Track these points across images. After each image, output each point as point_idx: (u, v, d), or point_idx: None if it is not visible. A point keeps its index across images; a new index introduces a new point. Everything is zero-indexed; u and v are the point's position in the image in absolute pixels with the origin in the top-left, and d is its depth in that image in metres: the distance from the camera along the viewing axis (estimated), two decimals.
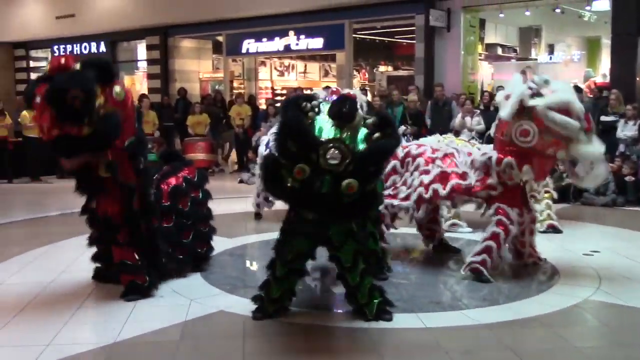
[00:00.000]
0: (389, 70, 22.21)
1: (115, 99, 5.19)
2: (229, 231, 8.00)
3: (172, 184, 5.97)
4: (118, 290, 5.53)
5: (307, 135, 4.41)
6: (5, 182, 13.95)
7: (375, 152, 4.52)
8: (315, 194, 4.39)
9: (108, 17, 19.97)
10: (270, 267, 5.04)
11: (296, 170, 4.34)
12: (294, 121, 4.42)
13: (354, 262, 4.89)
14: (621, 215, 9.64)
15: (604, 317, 5.26)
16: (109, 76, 5.21)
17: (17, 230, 8.85)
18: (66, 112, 4.93)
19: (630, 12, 12.31)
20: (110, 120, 5.10)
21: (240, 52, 18.64)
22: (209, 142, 15.20)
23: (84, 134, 5.00)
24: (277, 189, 4.70)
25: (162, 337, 4.68)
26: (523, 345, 4.54)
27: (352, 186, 4.33)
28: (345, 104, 4.54)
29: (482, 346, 4.54)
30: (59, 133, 4.98)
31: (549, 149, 5.84)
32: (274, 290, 4.98)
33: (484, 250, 5.99)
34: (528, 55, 18.67)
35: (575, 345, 4.55)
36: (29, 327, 4.90)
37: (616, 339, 4.77)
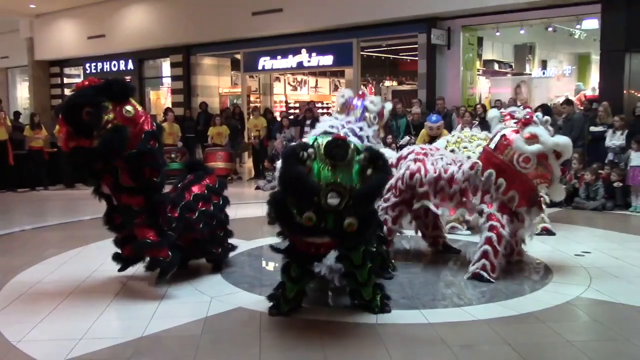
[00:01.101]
0: (393, 85, 22.19)
1: (124, 116, 5.27)
2: (247, 234, 8.01)
3: (195, 192, 6.00)
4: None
5: (307, 186, 4.49)
6: (42, 189, 14.05)
7: (370, 190, 4.66)
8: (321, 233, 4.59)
9: (135, 37, 20.10)
10: (285, 269, 5.06)
11: (305, 220, 4.48)
12: (294, 177, 4.52)
13: (364, 261, 4.96)
14: (610, 218, 9.58)
15: (594, 313, 5.21)
16: (122, 95, 5.31)
17: (53, 233, 8.90)
18: (78, 126, 5.10)
19: (618, 31, 12.26)
20: (116, 134, 5.18)
21: (257, 69, 18.68)
22: (228, 152, 15.26)
23: (94, 145, 5.13)
24: (286, 225, 4.78)
25: (185, 332, 4.69)
26: (519, 339, 4.51)
27: (353, 225, 4.52)
28: (338, 145, 4.61)
29: (482, 340, 4.52)
30: (75, 145, 5.15)
31: (535, 179, 5.94)
32: (289, 290, 5.01)
33: (482, 255, 5.96)
34: (523, 70, 18.60)
35: (568, 340, 4.51)
36: (63, 322, 4.93)
37: (606, 334, 4.74)
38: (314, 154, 4.61)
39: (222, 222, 6.38)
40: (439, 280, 6.16)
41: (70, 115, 5.12)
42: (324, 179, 4.52)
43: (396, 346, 4.43)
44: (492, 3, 13.33)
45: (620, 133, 10.83)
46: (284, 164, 4.68)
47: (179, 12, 18.76)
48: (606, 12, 12.45)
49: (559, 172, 6.06)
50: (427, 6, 14.10)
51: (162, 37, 19.31)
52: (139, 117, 5.40)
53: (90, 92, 5.20)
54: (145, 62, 21.90)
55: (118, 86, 5.35)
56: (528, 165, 5.81)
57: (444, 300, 5.47)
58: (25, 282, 6.10)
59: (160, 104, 21.56)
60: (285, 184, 4.62)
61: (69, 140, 5.17)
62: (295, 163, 4.55)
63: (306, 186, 4.49)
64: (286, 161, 4.65)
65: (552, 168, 5.92)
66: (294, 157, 4.58)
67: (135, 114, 5.37)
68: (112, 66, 22.06)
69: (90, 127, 5.11)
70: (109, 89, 5.25)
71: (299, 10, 16.08)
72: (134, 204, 5.44)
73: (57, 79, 24.33)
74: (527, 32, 15.62)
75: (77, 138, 5.14)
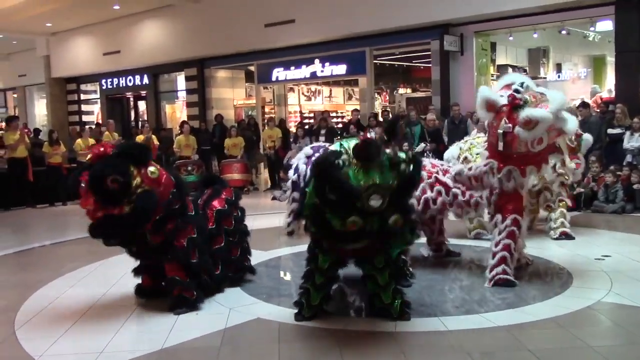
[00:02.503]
0: (407, 92, 22.16)
1: (150, 178, 5.29)
2: (264, 245, 8.02)
3: (216, 208, 6.03)
4: (163, 302, 5.57)
5: (348, 187, 4.47)
6: (61, 205, 14.18)
7: (406, 183, 4.68)
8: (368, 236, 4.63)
9: (150, 52, 20.31)
10: (308, 277, 5.11)
11: (349, 224, 4.48)
12: (333, 178, 4.50)
13: (385, 264, 5.00)
14: (630, 221, 9.47)
15: (616, 317, 5.15)
16: (143, 158, 5.33)
17: (73, 247, 8.97)
18: (107, 196, 5.09)
19: (632, 31, 12.17)
20: (148, 198, 5.20)
21: (271, 80, 18.76)
22: (244, 163, 15.31)
23: (124, 212, 5.12)
24: (326, 232, 4.78)
25: (204, 344, 4.70)
26: (540, 345, 4.46)
27: (398, 221, 4.59)
28: (369, 145, 4.59)
29: (502, 347, 4.48)
30: (103, 214, 5.13)
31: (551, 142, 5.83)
32: (314, 297, 5.07)
33: (500, 261, 5.88)
34: (537, 74, 18.48)
35: (591, 345, 4.46)
36: (84, 336, 4.96)
37: (629, 338, 4.67)
38: (347, 161, 4.62)
39: (246, 233, 6.41)
40: (457, 287, 6.12)
41: (97, 186, 5.08)
42: (362, 181, 4.51)
43: (415, 355, 4.40)
44: (504, 8, 13.29)
45: (639, 135, 10.73)
46: (322, 173, 4.64)
47: (192, 26, 18.94)
48: (620, 13, 12.36)
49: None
50: (439, 13, 14.10)
51: (177, 52, 19.49)
52: (162, 176, 5.44)
53: (114, 161, 5.17)
54: (160, 77, 22.11)
55: (138, 149, 5.38)
56: (542, 144, 5.64)
57: (463, 307, 5.43)
58: (45, 297, 6.15)
59: (176, 118, 21.72)
60: (325, 192, 4.58)
61: (97, 210, 5.15)
62: (334, 170, 4.54)
63: (349, 191, 4.47)
64: (323, 170, 4.62)
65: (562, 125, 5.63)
66: (331, 165, 4.57)
67: (160, 174, 5.40)
68: (128, 81, 22.31)
69: (118, 195, 5.10)
70: (130, 154, 5.26)
71: (311, 20, 16.15)
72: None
73: (74, 96, 24.62)
74: (541, 35, 15.55)
75: (106, 207, 5.12)
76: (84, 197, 5.18)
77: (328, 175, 4.53)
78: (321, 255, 5.01)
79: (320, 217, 4.69)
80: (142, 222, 5.27)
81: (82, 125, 18.94)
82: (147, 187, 5.22)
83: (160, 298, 5.66)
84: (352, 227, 4.50)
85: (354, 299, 5.82)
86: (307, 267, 5.16)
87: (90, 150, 5.68)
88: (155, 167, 5.38)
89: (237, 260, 6.20)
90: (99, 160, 5.22)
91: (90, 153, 5.39)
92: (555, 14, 13.26)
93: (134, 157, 5.26)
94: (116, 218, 5.13)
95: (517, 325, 4.85)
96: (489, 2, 13.38)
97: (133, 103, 24.04)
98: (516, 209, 5.94)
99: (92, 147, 5.59)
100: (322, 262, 5.01)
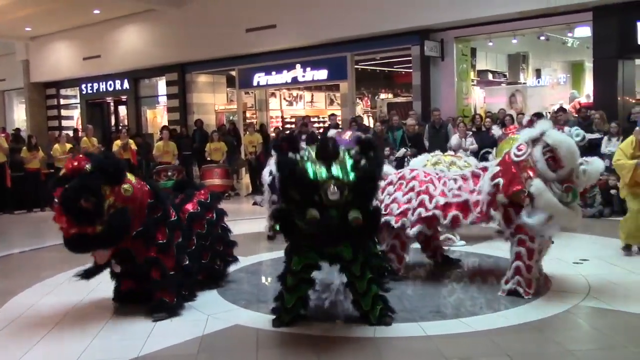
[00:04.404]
0: (389, 97, 22.23)
1: (124, 196, 5.23)
2: (245, 250, 7.95)
3: (189, 210, 5.98)
4: (141, 308, 5.51)
5: (306, 179, 4.61)
6: (39, 211, 14.01)
7: (364, 177, 4.75)
8: (328, 230, 4.62)
9: (131, 57, 20.17)
10: (281, 278, 5.13)
11: (309, 218, 4.53)
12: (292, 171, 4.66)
13: (362, 272, 5.02)
14: (608, 225, 9.53)
15: (594, 321, 5.18)
16: (118, 177, 5.25)
17: (49, 254, 8.83)
18: (80, 215, 5.03)
19: (610, 38, 12.31)
20: (120, 217, 5.16)
21: (252, 85, 18.72)
22: (225, 168, 15.24)
23: (98, 231, 5.07)
24: (293, 235, 4.91)
25: (181, 351, 4.66)
26: (519, 349, 4.47)
27: (358, 219, 4.59)
28: (327, 144, 4.75)
29: (480, 352, 4.48)
30: (76, 231, 5.07)
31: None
32: (287, 300, 5.06)
33: (515, 272, 5.71)
34: (517, 79, 18.63)
35: (569, 349, 4.48)
36: (59, 343, 4.89)
37: (607, 342, 4.70)
38: (306, 156, 4.72)
39: (220, 237, 6.35)
40: (437, 292, 6.12)
41: (70, 206, 5.03)
42: (321, 176, 4.61)
43: None
44: (484, 14, 13.37)
45: (616, 139, 10.82)
46: (281, 167, 4.78)
47: (173, 31, 18.84)
48: (597, 20, 12.50)
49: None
50: (419, 18, 14.15)
51: (157, 56, 19.38)
52: (137, 191, 5.37)
53: (87, 180, 5.08)
54: (140, 81, 21.96)
55: (112, 167, 5.25)
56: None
57: (442, 312, 5.43)
58: (22, 304, 6.06)
59: (157, 123, 21.58)
60: (286, 184, 4.73)
61: (70, 227, 5.09)
62: (292, 163, 4.68)
63: (306, 182, 4.59)
64: (282, 164, 4.77)
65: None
66: (290, 159, 4.71)
67: (134, 190, 5.33)
68: (108, 86, 22.14)
69: (91, 215, 5.04)
70: (104, 172, 5.16)
71: (292, 26, 16.14)
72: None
73: (54, 101, 24.39)
74: (520, 41, 15.68)
75: (79, 225, 5.06)
76: (58, 213, 5.13)
77: (288, 169, 4.67)
78: (295, 257, 5.01)
79: (288, 221, 4.76)
80: (115, 241, 5.23)
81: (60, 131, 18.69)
82: (119, 206, 5.17)
83: (138, 304, 5.60)
84: (312, 221, 4.52)
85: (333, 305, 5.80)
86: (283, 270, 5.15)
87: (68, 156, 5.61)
88: (129, 185, 5.31)
89: (207, 265, 6.15)
90: (73, 175, 5.15)
91: (65, 167, 5.32)
92: (534, 19, 13.37)
93: (108, 175, 5.18)
94: (90, 237, 5.08)
95: (495, 330, 4.86)
96: (469, 8, 13.46)
97: (113, 108, 23.85)
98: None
99: (68, 156, 5.44)
100: (295, 263, 5.01)
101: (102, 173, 5.14)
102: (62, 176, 5.26)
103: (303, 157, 4.72)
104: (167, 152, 15.03)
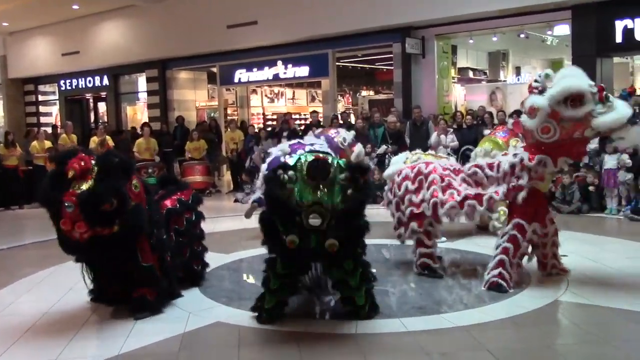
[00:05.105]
0: (370, 95, 22.29)
1: (135, 192, 5.12)
2: (226, 247, 7.95)
3: (167, 206, 5.93)
4: (121, 307, 5.46)
5: (288, 208, 4.58)
6: (17, 208, 13.84)
7: (351, 209, 4.70)
8: (306, 254, 4.69)
9: (110, 53, 19.98)
10: (264, 281, 5.09)
11: (288, 242, 4.54)
12: (276, 201, 4.65)
13: (355, 267, 5.01)
14: (586, 221, 9.66)
15: (572, 316, 5.24)
16: (129, 173, 5.14)
17: (27, 252, 8.76)
18: (99, 218, 4.83)
19: (588, 36, 12.42)
20: (138, 214, 5.06)
21: (233, 82, 18.64)
22: (206, 165, 15.18)
23: (115, 230, 4.92)
24: (275, 245, 4.87)
25: (162, 349, 4.62)
26: (499, 344, 4.51)
27: (334, 246, 4.57)
28: (318, 165, 4.71)
29: (461, 347, 4.51)
30: (92, 234, 4.87)
31: (575, 134, 5.49)
32: (268, 301, 5.04)
33: (498, 264, 5.79)
34: (497, 77, 18.76)
35: (547, 344, 4.53)
36: (37, 344, 4.83)
37: (585, 337, 4.75)
38: (294, 177, 4.66)
39: (199, 237, 6.33)
40: (418, 288, 6.14)
41: (93, 210, 4.78)
42: (306, 199, 4.57)
43: (375, 356, 4.41)
44: (464, 12, 13.43)
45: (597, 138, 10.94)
46: (267, 186, 4.76)
47: (153, 26, 18.70)
48: (576, 18, 12.62)
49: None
50: (401, 16, 14.17)
51: (137, 52, 19.22)
52: (142, 189, 5.29)
53: (109, 182, 4.87)
54: (120, 78, 21.76)
55: (126, 165, 5.15)
56: (550, 133, 5.47)
57: (424, 308, 5.45)
58: (0, 303, 5.97)
59: (137, 119, 21.40)
60: (269, 205, 4.73)
61: (86, 232, 4.83)
62: (277, 186, 4.62)
63: (287, 209, 4.57)
64: (268, 184, 4.73)
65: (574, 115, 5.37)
66: (275, 180, 4.64)
67: (140, 187, 5.25)
68: (88, 82, 21.91)
69: (113, 216, 4.86)
70: (119, 170, 5.01)
71: (273, 22, 16.09)
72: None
73: (32, 97, 24.07)
74: (500, 39, 15.80)
75: (95, 228, 4.86)
76: (69, 218, 4.79)
77: (271, 190, 4.65)
78: (279, 261, 4.96)
79: (273, 229, 4.75)
80: (132, 240, 5.11)
81: (39, 127, 18.48)
82: (134, 203, 5.06)
83: (118, 304, 5.56)
84: (290, 245, 4.54)
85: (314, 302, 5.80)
86: (265, 270, 5.12)
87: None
88: (136, 181, 5.22)
89: (187, 263, 6.12)
90: (82, 175, 4.89)
91: (71, 167, 4.92)
92: (514, 17, 13.46)
93: (124, 172, 5.05)
94: (106, 238, 4.90)
95: (476, 326, 4.89)
96: (450, 6, 13.51)
97: (93, 104, 23.61)
98: (524, 213, 5.82)
99: (69, 159, 5.07)
100: (280, 267, 4.97)
101: (116, 171, 4.98)
102: (70, 178, 4.91)
103: (291, 177, 4.65)
104: (147, 149, 14.93)
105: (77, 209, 4.78)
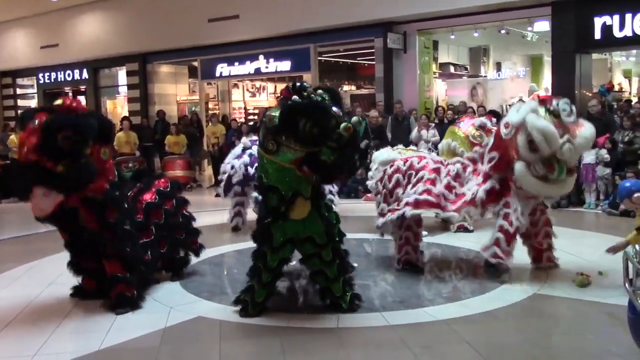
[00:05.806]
0: (352, 90, 22.28)
1: (100, 158, 5.20)
2: (207, 242, 7.87)
3: (147, 200, 5.90)
4: (101, 302, 5.44)
5: (338, 118, 4.92)
6: None
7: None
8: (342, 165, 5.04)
9: (90, 46, 19.75)
10: (253, 274, 5.08)
11: (346, 127, 4.81)
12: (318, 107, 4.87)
13: (333, 258, 5.04)
14: (564, 216, 9.74)
15: (551, 309, 5.31)
16: (106, 137, 5.27)
17: (6, 247, 8.67)
18: (51, 146, 4.85)
19: (568, 32, 12.53)
20: (86, 170, 5.06)
21: (214, 76, 18.54)
22: (187, 160, 15.11)
23: (57, 170, 4.91)
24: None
25: (143, 344, 4.61)
26: (479, 338, 4.55)
27: (349, 127, 4.85)
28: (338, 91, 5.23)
29: (441, 340, 4.56)
30: (35, 160, 4.88)
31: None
32: (259, 293, 5.05)
33: (495, 242, 5.88)
34: (478, 72, 18.86)
35: (526, 336, 4.59)
36: (16, 339, 4.80)
37: (563, 329, 4.84)
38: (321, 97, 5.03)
39: (180, 226, 6.28)
40: (400, 282, 6.17)
41: (48, 133, 4.84)
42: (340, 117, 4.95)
43: (357, 349, 4.44)
44: (446, 7, 13.48)
45: None
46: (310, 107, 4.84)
47: (134, 20, 18.52)
48: (556, 15, 12.72)
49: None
50: (382, 11, 14.19)
51: (118, 46, 19.03)
52: (109, 163, 5.39)
53: (81, 119, 5.00)
54: (100, 71, 21.52)
55: (108, 128, 5.30)
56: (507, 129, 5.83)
57: (405, 302, 5.49)
58: None
59: (117, 113, 21.23)
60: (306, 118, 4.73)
61: (33, 152, 4.87)
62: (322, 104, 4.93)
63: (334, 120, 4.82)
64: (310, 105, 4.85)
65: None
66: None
67: (109, 158, 5.34)
68: (67, 76, 21.65)
69: (62, 152, 4.87)
70: (100, 128, 5.13)
71: (255, 16, 16.03)
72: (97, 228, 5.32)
73: (10, 90, 23.75)
74: (481, 34, 15.89)
75: (42, 155, 4.87)
76: (28, 133, 4.93)
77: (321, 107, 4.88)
78: (270, 254, 4.97)
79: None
80: (68, 188, 5.04)
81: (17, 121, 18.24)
82: (90, 162, 5.09)
83: (99, 298, 5.53)
84: (348, 130, 4.80)
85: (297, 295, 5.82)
86: (253, 263, 5.12)
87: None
88: (108, 150, 5.30)
89: (165, 254, 6.08)
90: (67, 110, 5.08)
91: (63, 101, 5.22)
92: (494, 13, 13.53)
93: (102, 132, 5.16)
94: (45, 171, 4.89)
95: (456, 319, 4.94)
96: (431, 1, 13.55)
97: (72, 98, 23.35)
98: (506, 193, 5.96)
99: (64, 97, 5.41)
100: (271, 260, 4.98)
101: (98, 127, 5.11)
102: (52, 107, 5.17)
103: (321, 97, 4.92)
104: (127, 143, 14.83)
105: (38, 127, 4.90)
